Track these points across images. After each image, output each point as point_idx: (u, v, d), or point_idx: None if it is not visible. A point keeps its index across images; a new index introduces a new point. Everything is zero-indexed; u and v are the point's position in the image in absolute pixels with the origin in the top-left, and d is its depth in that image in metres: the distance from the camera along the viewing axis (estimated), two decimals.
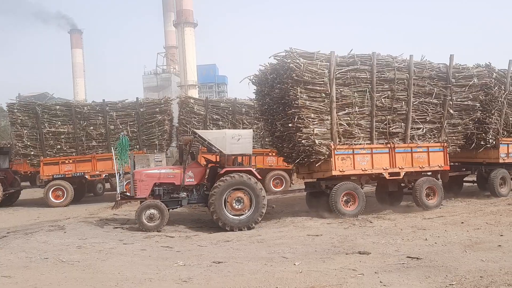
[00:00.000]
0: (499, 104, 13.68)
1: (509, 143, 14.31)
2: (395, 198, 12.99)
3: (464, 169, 14.77)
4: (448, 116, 12.56)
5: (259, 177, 10.88)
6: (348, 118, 11.48)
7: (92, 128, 17.07)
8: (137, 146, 17.23)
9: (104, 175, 17.52)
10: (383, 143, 11.92)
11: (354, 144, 11.53)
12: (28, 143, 16.78)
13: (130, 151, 16.43)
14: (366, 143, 11.70)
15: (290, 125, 11.16)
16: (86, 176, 17.11)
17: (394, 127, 11.96)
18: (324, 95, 11.12)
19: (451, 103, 12.46)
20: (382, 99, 11.70)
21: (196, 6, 67.01)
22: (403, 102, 11.95)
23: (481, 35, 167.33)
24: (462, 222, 10.07)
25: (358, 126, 11.61)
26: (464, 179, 15.43)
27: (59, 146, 16.93)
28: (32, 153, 16.88)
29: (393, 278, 6.01)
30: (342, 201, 11.38)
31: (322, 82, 11.04)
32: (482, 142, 13.77)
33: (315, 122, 11.09)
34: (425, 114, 12.30)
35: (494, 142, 13.86)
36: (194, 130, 11.97)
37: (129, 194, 11.14)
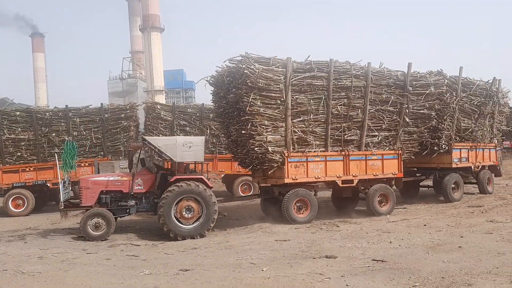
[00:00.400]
0: (451, 110, 13.94)
1: (461, 148, 14.61)
2: (351, 203, 13.09)
3: (420, 174, 15.00)
4: (404, 124, 12.65)
5: (211, 185, 10.74)
6: (303, 125, 11.41)
7: (54, 134, 16.56)
8: (102, 153, 16.86)
9: None
10: (337, 151, 11.91)
11: (308, 151, 11.49)
12: None
13: (95, 158, 16.25)
14: (321, 151, 11.67)
15: (243, 131, 11.04)
16: (48, 184, 16.54)
17: (349, 134, 11.97)
18: (279, 102, 10.99)
19: (407, 111, 12.56)
20: (338, 107, 11.66)
21: (163, 11, 66.56)
22: (359, 110, 11.95)
23: (436, 42, 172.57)
24: (425, 225, 10.38)
25: (313, 133, 11.56)
26: (420, 184, 15.68)
27: (19, 154, 16.33)
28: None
29: (359, 281, 6.11)
30: (294, 208, 11.37)
31: (278, 89, 10.92)
32: (435, 148, 14.00)
33: (268, 129, 10.96)
34: (381, 122, 12.36)
35: (446, 148, 14.11)
36: (143, 137, 11.73)
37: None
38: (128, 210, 10.65)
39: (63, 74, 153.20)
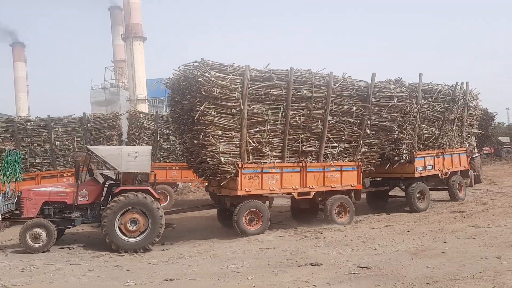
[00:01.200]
0: (412, 118, 13.66)
1: (425, 156, 14.31)
2: (311, 213, 12.79)
3: (386, 184, 14.66)
4: (365, 136, 12.41)
5: (157, 196, 10.44)
6: (259, 136, 11.03)
7: (36, 144, 16.34)
8: None
9: None
10: (294, 162, 11.62)
11: (264, 162, 11.14)
12: None
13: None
14: (277, 162, 11.35)
15: (195, 141, 10.73)
16: None
17: (307, 145, 11.68)
18: (234, 111, 10.60)
19: (369, 123, 12.31)
20: (297, 118, 11.36)
21: (145, 20, 66.42)
22: (319, 121, 11.67)
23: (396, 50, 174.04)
24: (408, 231, 10.47)
25: (269, 144, 11.20)
26: (389, 194, 15.28)
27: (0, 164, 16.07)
28: None
29: None
30: (245, 220, 11.01)
31: (234, 98, 10.53)
32: (396, 158, 13.68)
33: (222, 140, 10.59)
34: (341, 133, 12.10)
35: (408, 157, 13.77)
36: (87, 146, 11.48)
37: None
38: (72, 222, 10.40)
39: (45, 84, 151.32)
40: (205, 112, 10.27)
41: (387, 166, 13.72)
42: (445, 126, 14.89)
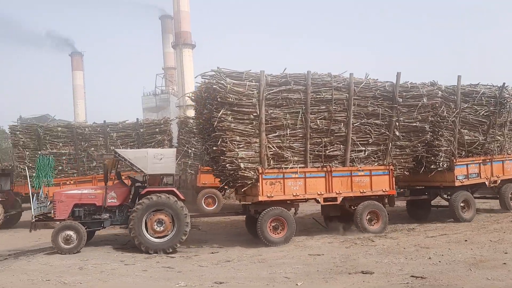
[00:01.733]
0: (450, 124, 12.92)
1: (468, 164, 13.40)
2: (344, 221, 12.06)
3: (426, 193, 13.87)
4: (394, 138, 11.93)
5: (182, 197, 10.55)
6: (279, 141, 10.94)
7: (93, 149, 17.12)
8: None
9: None
10: (318, 167, 11.37)
11: (285, 167, 10.97)
12: (30, 164, 16.75)
13: (130, 171, 16.60)
14: (300, 167, 11.12)
15: (214, 148, 10.79)
16: None
17: (331, 149, 11.40)
18: (252, 117, 10.62)
19: (397, 124, 11.84)
20: (318, 121, 11.17)
21: (195, 27, 67.91)
22: (342, 124, 11.40)
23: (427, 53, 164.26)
24: (466, 240, 10.04)
25: (290, 149, 11.04)
26: (432, 203, 14.31)
27: (60, 167, 16.92)
28: (33, 174, 16.82)
29: None
30: (270, 227, 10.74)
31: (250, 104, 10.55)
32: (432, 166, 12.96)
33: (240, 145, 10.58)
34: (368, 136, 11.71)
35: (446, 165, 12.99)
36: (115, 149, 11.77)
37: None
38: (102, 223, 10.69)
39: (100, 90, 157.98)
40: (222, 118, 10.40)
41: (421, 170, 13.00)
42: (492, 131, 13.91)
